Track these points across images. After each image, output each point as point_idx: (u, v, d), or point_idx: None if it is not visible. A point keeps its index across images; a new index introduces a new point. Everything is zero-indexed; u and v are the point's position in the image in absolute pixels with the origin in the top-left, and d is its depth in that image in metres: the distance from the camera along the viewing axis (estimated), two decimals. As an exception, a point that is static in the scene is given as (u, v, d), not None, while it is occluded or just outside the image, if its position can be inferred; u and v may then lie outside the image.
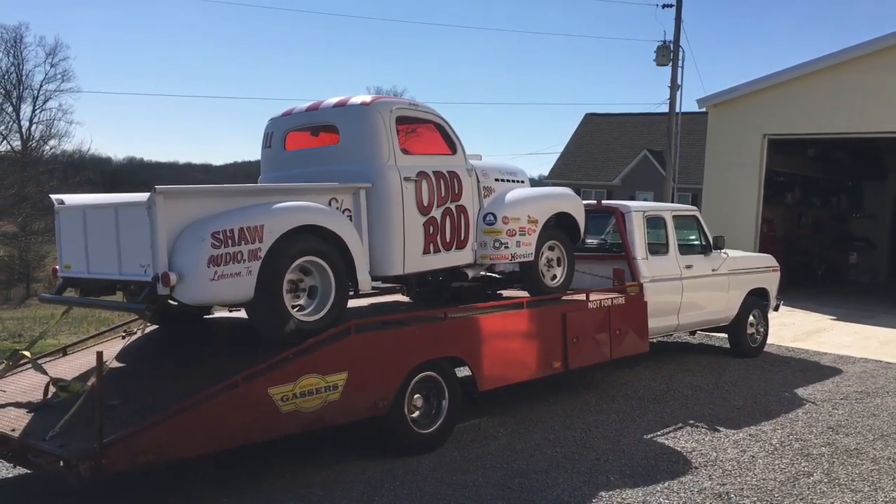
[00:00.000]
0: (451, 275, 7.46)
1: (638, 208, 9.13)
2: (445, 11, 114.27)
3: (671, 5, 24.85)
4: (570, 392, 8.20)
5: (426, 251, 6.52)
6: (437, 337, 6.35)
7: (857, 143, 19.22)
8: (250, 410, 5.07)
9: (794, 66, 17.26)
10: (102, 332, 7.39)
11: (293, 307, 5.57)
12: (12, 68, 42.44)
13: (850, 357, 10.68)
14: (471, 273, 7.32)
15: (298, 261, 5.54)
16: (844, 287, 20.16)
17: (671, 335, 10.35)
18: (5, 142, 37.93)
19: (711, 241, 9.83)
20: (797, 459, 6.26)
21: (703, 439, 6.74)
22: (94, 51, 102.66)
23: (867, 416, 7.59)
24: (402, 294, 8.39)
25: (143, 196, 5.08)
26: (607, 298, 7.96)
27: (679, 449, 6.46)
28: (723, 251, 9.97)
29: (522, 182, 7.69)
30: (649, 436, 6.82)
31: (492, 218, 7.00)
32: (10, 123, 39.76)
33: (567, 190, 8.31)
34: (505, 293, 8.08)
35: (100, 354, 4.61)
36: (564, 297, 7.72)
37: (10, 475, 5.78)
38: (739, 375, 9.28)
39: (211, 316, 7.15)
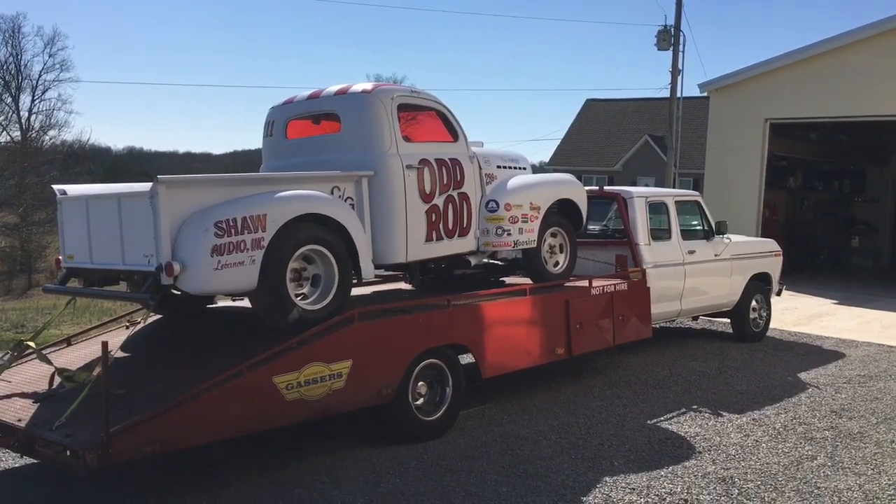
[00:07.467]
0: (453, 262, 7.47)
1: (640, 194, 9.11)
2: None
3: (672, -11, 24.77)
4: (573, 378, 8.22)
5: (429, 239, 6.52)
6: (441, 324, 6.36)
7: (860, 126, 19.14)
8: (255, 399, 5.09)
9: (796, 49, 17.19)
10: (106, 322, 7.40)
11: (296, 296, 5.58)
12: (11, 58, 42.55)
13: (853, 341, 10.68)
14: (473, 260, 7.33)
15: (301, 249, 5.55)
16: (847, 271, 20.17)
17: (674, 321, 10.36)
18: (5, 132, 38.02)
19: (714, 227, 9.81)
20: (801, 443, 6.27)
21: (707, 424, 6.75)
22: (93, 40, 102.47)
23: (870, 400, 7.61)
24: (405, 282, 8.40)
25: (145, 186, 5.08)
26: (610, 284, 7.95)
27: (683, 434, 6.48)
28: (725, 236, 9.96)
29: (524, 169, 7.66)
30: (653, 421, 6.84)
31: (494, 205, 6.99)
32: (10, 114, 39.87)
33: (569, 176, 8.31)
34: (508, 280, 8.09)
35: (105, 344, 4.63)
36: (567, 284, 7.72)
37: (16, 465, 5.81)
38: (742, 360, 9.29)
39: (214, 305, 7.17)
